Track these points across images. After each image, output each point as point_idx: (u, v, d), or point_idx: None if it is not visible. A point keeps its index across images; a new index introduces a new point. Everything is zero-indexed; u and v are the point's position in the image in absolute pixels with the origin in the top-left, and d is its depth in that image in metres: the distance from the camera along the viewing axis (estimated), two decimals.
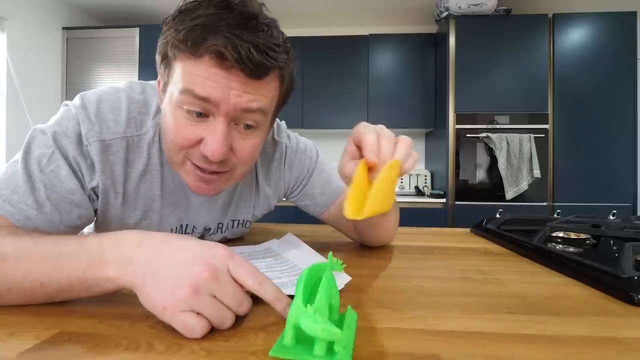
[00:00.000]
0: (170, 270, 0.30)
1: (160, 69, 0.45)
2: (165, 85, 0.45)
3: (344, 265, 0.34)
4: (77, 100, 0.47)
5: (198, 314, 0.28)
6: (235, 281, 0.30)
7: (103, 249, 0.33)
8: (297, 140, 0.68)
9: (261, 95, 0.43)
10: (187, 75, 0.41)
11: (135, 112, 0.49)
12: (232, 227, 0.65)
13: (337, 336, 0.22)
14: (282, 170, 0.66)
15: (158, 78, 0.47)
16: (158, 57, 0.45)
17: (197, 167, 0.46)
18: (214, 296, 0.29)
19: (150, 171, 0.51)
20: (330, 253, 0.32)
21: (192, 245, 0.32)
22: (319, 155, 0.70)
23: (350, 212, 0.34)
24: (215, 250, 0.31)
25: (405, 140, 0.40)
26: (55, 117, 0.46)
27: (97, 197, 0.48)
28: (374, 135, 0.39)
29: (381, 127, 0.42)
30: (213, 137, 0.42)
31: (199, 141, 0.43)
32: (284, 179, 0.66)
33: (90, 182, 0.46)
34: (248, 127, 0.45)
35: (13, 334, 0.28)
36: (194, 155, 0.45)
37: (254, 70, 0.40)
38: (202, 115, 0.42)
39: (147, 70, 2.50)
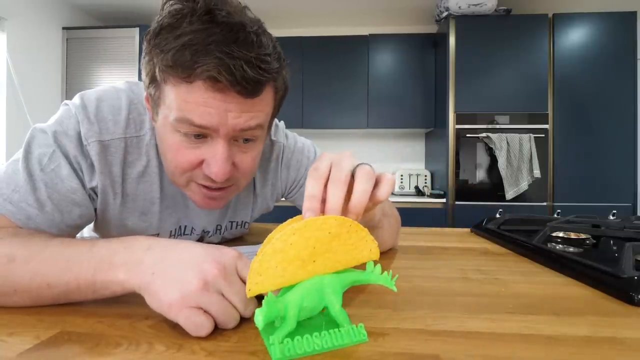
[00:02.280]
0: (179, 268, 0.30)
1: (149, 88, 0.43)
2: (157, 105, 0.43)
3: (394, 277, 0.31)
4: (77, 99, 0.47)
5: (204, 312, 0.28)
6: (243, 282, 0.31)
7: (113, 253, 0.33)
8: (294, 140, 0.67)
9: (258, 111, 0.43)
10: (181, 104, 0.39)
11: (135, 112, 0.49)
12: (231, 229, 0.65)
13: (259, 325, 0.25)
14: (279, 170, 0.65)
15: (145, 94, 0.45)
16: (145, 78, 0.43)
17: (202, 185, 0.46)
18: (222, 294, 0.29)
19: (149, 173, 0.51)
20: (371, 262, 0.30)
21: (201, 246, 0.33)
22: (317, 154, 0.69)
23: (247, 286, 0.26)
24: (224, 252, 0.32)
25: (365, 174, 0.31)
26: (55, 117, 0.46)
27: (97, 196, 0.48)
28: (317, 182, 0.31)
29: (339, 159, 0.32)
30: (215, 158, 0.42)
31: (201, 163, 0.43)
32: (281, 179, 0.66)
33: (90, 182, 0.46)
34: (247, 141, 0.45)
35: (13, 333, 0.28)
36: (198, 176, 0.45)
37: (250, 90, 0.39)
38: (200, 136, 0.42)
39: None
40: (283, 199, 0.71)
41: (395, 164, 2.92)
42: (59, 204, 0.43)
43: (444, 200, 2.27)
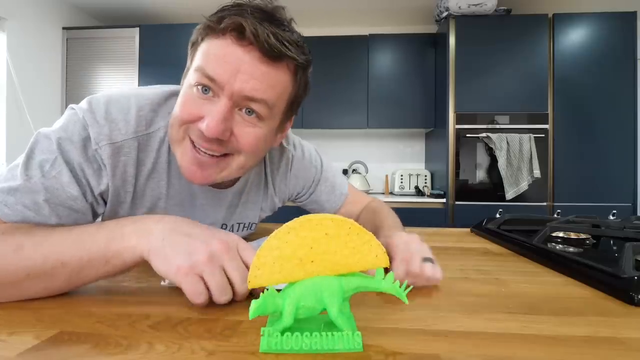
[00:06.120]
0: (188, 239, 0.34)
1: (188, 60, 0.48)
2: (187, 70, 0.47)
3: (407, 288, 0.28)
4: (84, 104, 0.46)
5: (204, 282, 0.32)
6: (242, 262, 0.35)
7: (123, 225, 0.37)
8: (302, 149, 0.70)
9: (268, 85, 0.44)
10: (205, 55, 0.43)
11: (146, 109, 0.49)
12: (237, 230, 0.66)
13: (250, 316, 0.26)
14: (288, 178, 0.68)
15: (184, 72, 0.49)
16: (189, 46, 0.47)
17: (194, 146, 0.45)
18: (223, 270, 0.33)
19: (157, 170, 0.51)
20: (381, 269, 0.28)
21: (207, 226, 0.37)
22: (323, 163, 0.74)
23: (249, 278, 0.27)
24: (229, 234, 0.37)
25: (435, 273, 0.41)
26: (61, 122, 0.45)
27: (104, 201, 0.48)
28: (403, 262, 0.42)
29: (419, 251, 0.44)
30: (211, 113, 0.43)
31: (200, 119, 0.44)
32: (290, 187, 0.70)
33: (97, 187, 0.46)
34: (250, 113, 0.45)
35: (13, 333, 0.28)
36: (193, 131, 0.45)
37: (269, 51, 0.42)
38: (208, 91, 0.43)
39: (147, 70, 2.50)
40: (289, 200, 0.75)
41: (395, 164, 2.91)
42: (56, 209, 0.43)
43: (444, 200, 2.26)
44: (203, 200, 0.57)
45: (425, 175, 2.64)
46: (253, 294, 0.36)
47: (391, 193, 2.72)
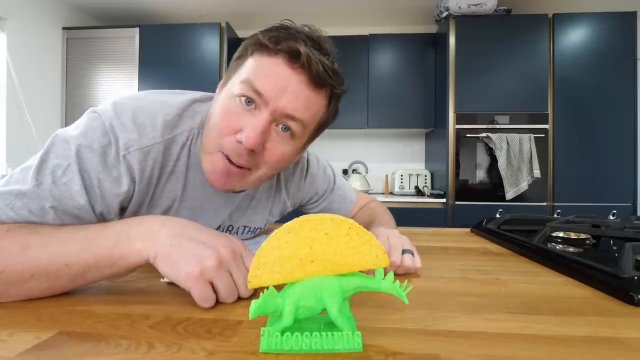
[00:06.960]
0: (196, 245, 0.35)
1: (230, 70, 0.49)
2: (228, 79, 0.48)
3: (406, 290, 0.28)
4: (109, 109, 0.45)
5: (212, 286, 0.34)
6: (245, 267, 0.37)
7: (129, 227, 0.37)
8: (315, 157, 0.73)
9: (308, 108, 0.46)
10: (254, 70, 0.45)
11: (172, 114, 0.49)
12: (242, 233, 0.66)
13: (250, 316, 0.26)
14: (302, 184, 0.70)
15: (222, 81, 0.51)
16: (234, 58, 0.49)
17: (226, 158, 0.47)
18: (230, 274, 0.35)
19: (175, 172, 0.51)
20: (380, 269, 0.28)
21: (212, 230, 0.38)
22: (335, 172, 0.78)
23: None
24: (233, 240, 0.38)
25: (402, 262, 0.47)
26: (81, 127, 0.44)
27: (122, 208, 0.48)
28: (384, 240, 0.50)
29: (400, 244, 0.49)
30: (252, 126, 0.44)
31: (237, 131, 0.45)
32: (303, 192, 0.72)
33: (118, 194, 0.45)
34: (285, 129, 0.47)
35: (13, 334, 0.28)
36: (227, 145, 0.46)
37: (316, 78, 0.45)
38: (251, 103, 0.44)
39: (147, 70, 2.50)
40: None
41: (395, 164, 2.91)
42: (61, 215, 0.42)
43: (444, 200, 2.26)
44: (215, 202, 0.57)
45: (425, 175, 2.64)
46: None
47: (391, 193, 2.72)
